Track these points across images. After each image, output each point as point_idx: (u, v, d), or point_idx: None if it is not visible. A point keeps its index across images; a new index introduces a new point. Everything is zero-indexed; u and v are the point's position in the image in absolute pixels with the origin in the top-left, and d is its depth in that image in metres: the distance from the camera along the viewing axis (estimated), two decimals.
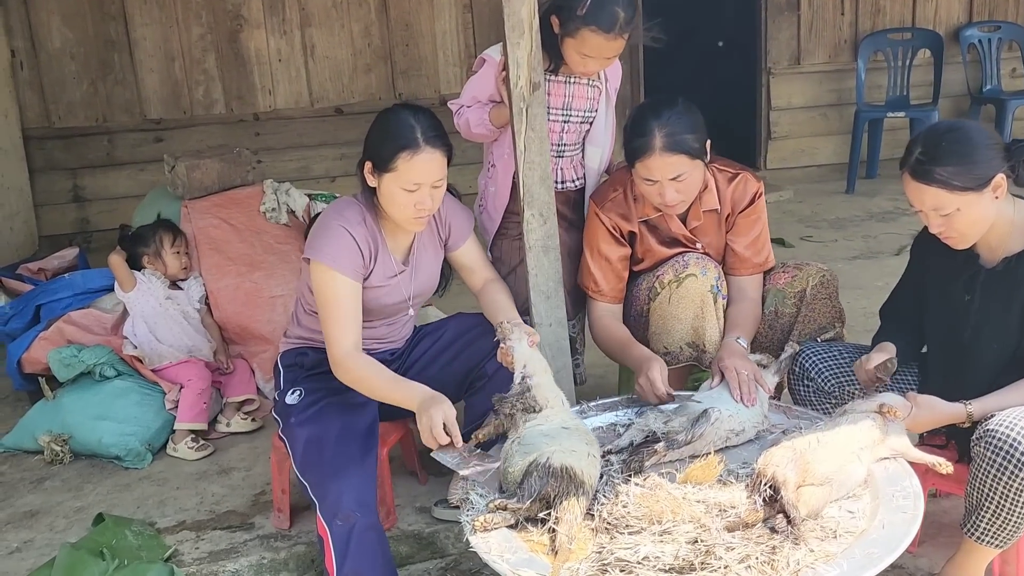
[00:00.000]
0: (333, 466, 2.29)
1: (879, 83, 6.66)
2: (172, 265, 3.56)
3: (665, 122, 2.52)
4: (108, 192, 6.01)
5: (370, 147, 2.41)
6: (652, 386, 2.48)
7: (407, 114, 2.39)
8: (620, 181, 2.80)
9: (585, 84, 2.86)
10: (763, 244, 2.81)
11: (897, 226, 5.62)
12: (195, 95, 6.04)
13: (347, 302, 2.39)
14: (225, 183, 3.91)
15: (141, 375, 3.45)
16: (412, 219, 2.44)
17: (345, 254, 2.40)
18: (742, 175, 2.78)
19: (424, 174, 2.36)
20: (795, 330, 2.78)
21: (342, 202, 2.55)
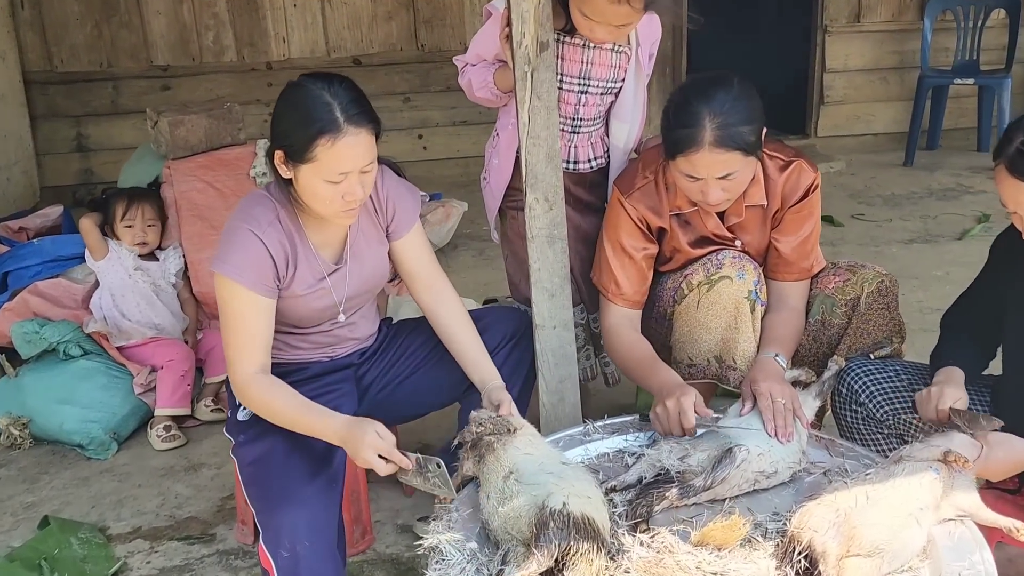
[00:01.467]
0: (280, 488, 1.95)
1: (946, 45, 6.09)
2: (125, 239, 3.22)
3: (718, 110, 2.06)
4: (113, 142, 5.70)
5: (279, 133, 1.98)
6: (682, 416, 2.01)
7: (320, 88, 1.94)
8: (651, 166, 2.34)
9: (608, 49, 2.41)
10: (812, 246, 2.37)
11: (959, 206, 5.12)
12: (204, 41, 5.67)
13: (251, 321, 2.02)
14: (213, 142, 3.55)
15: (110, 355, 3.13)
16: (340, 213, 2.03)
17: (251, 265, 2.01)
18: (796, 163, 2.32)
19: (350, 161, 1.95)
20: (843, 344, 2.35)
21: (252, 198, 2.13)
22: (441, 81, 5.85)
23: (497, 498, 1.81)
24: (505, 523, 1.76)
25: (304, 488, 1.95)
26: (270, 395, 2.02)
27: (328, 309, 2.20)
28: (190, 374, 3.13)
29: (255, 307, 2.02)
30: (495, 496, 1.82)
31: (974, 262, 4.27)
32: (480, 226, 4.94)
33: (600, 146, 2.54)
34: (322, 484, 1.99)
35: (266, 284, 2.03)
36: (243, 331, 2.03)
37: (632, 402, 3.07)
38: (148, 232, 3.25)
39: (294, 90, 1.98)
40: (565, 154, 2.47)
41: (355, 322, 2.28)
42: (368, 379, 2.36)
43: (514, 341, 2.31)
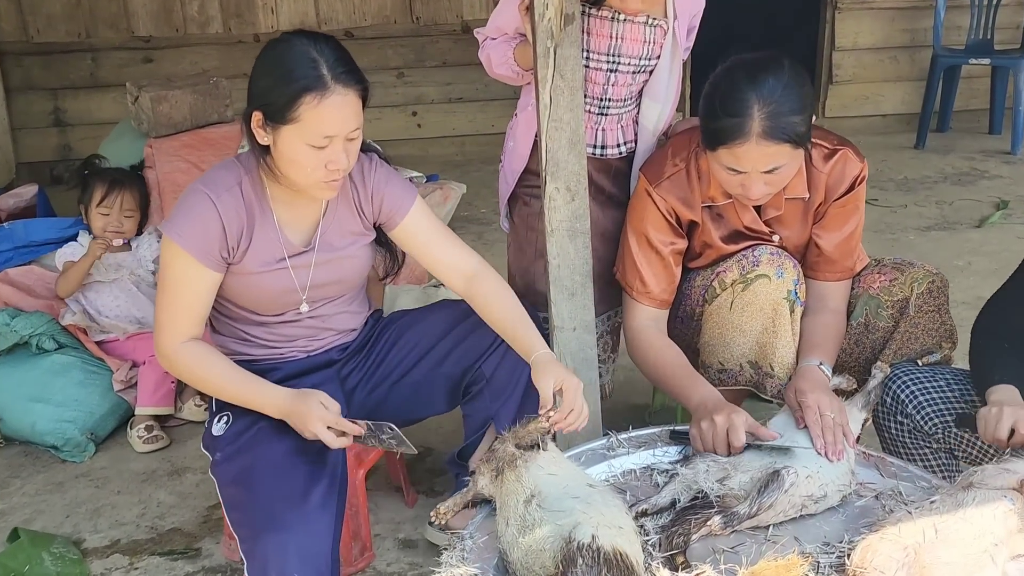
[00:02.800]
0: (265, 511, 1.74)
1: (959, 23, 5.87)
2: (95, 225, 2.97)
3: (768, 98, 1.86)
4: (92, 116, 5.45)
5: (259, 92, 1.79)
6: (731, 432, 1.81)
7: (305, 44, 1.78)
8: (681, 152, 2.13)
9: (641, 23, 2.18)
10: (856, 242, 2.17)
11: (976, 191, 4.94)
12: (188, 11, 5.41)
13: (187, 290, 1.89)
14: (198, 119, 3.33)
15: (87, 349, 2.91)
16: (323, 183, 1.84)
17: (199, 232, 1.84)
18: (842, 152, 2.11)
19: (337, 123, 1.78)
20: (889, 349, 2.15)
21: (220, 164, 1.96)
22: (436, 56, 5.61)
23: (517, 526, 1.62)
24: (526, 556, 1.57)
25: (292, 511, 1.74)
26: (201, 365, 1.91)
27: (288, 294, 1.99)
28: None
29: (196, 276, 1.88)
30: (515, 523, 1.63)
31: (996, 251, 4.12)
32: (479, 208, 4.74)
33: (631, 129, 2.32)
34: (316, 503, 1.78)
35: (211, 254, 1.87)
36: (178, 298, 1.90)
37: (647, 402, 2.88)
38: (125, 223, 3.00)
39: (276, 45, 1.81)
40: (591, 138, 2.26)
41: (325, 314, 2.07)
42: (353, 380, 2.16)
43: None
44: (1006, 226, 4.38)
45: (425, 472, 2.63)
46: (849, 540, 1.65)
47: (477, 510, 1.77)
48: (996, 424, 1.76)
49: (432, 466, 2.66)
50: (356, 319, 2.17)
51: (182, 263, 1.86)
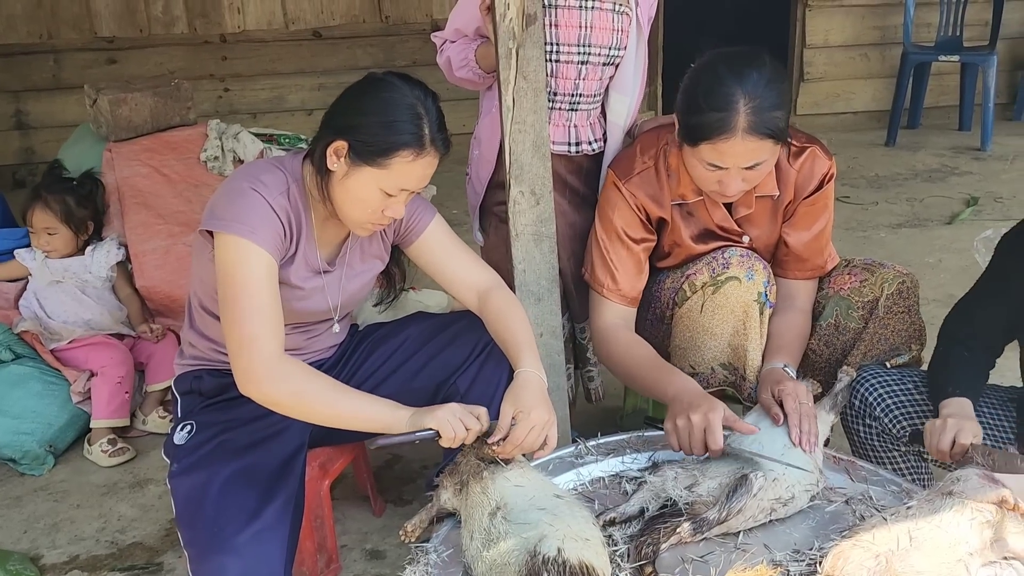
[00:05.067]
0: (212, 531, 1.68)
1: (928, 21, 5.90)
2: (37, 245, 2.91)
3: (753, 92, 1.82)
4: (55, 119, 5.34)
5: (354, 126, 1.75)
6: (708, 435, 1.77)
7: (415, 98, 1.76)
8: (650, 150, 2.11)
9: (609, 10, 2.14)
10: (826, 241, 2.16)
11: (946, 188, 4.95)
12: (153, 11, 5.32)
13: (270, 288, 1.72)
14: (159, 122, 3.24)
15: (43, 359, 2.84)
16: (367, 223, 1.83)
17: (265, 224, 1.74)
18: (811, 150, 2.10)
19: (417, 181, 1.80)
20: (858, 350, 2.13)
21: (257, 164, 1.89)
22: (407, 55, 5.55)
23: (482, 539, 1.59)
24: (491, 570, 1.54)
25: (239, 534, 1.68)
26: (314, 381, 1.72)
27: (323, 313, 1.96)
28: (128, 380, 2.84)
29: (270, 271, 1.73)
30: (479, 536, 1.60)
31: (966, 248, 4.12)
32: (449, 210, 4.68)
33: (599, 126, 2.28)
34: (268, 522, 1.72)
35: (277, 246, 1.76)
36: (260, 304, 1.70)
37: (618, 405, 2.85)
38: (51, 240, 2.90)
39: (383, 87, 1.78)
40: (564, 135, 2.22)
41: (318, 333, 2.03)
42: None
43: (487, 351, 2.03)
44: (976, 223, 4.39)
45: (393, 480, 2.58)
46: (820, 547, 1.63)
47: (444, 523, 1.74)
48: (939, 436, 1.74)
49: (400, 474, 2.61)
50: (340, 336, 2.13)
51: (255, 259, 1.71)
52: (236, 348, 1.69)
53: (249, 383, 1.69)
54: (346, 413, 1.73)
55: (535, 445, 1.75)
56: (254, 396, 1.71)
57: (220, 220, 1.74)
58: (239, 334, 1.69)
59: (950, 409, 1.83)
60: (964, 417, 1.80)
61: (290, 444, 1.90)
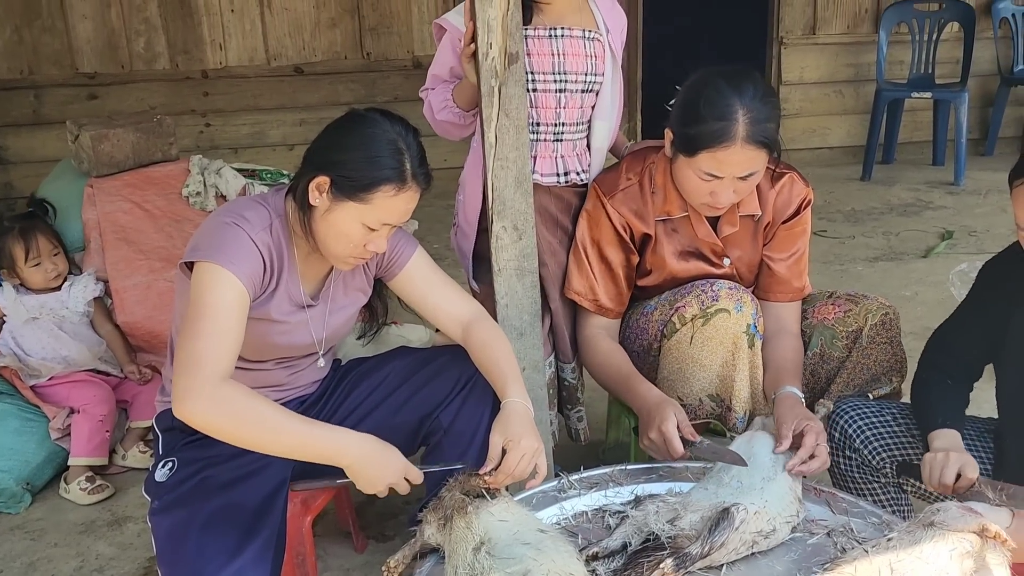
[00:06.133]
0: (196, 566, 1.67)
1: (901, 58, 6.01)
2: (34, 281, 2.86)
3: (751, 104, 1.93)
4: (34, 154, 5.32)
5: (336, 162, 1.77)
6: (668, 445, 1.92)
7: (396, 133, 1.79)
8: (635, 168, 2.19)
9: (579, 37, 2.18)
10: (805, 265, 2.24)
11: (921, 222, 5.02)
12: (135, 47, 5.34)
13: (232, 317, 1.71)
14: (141, 158, 3.25)
15: (22, 395, 2.81)
16: (350, 258, 1.85)
17: (245, 258, 1.76)
18: (788, 175, 2.20)
19: (399, 215, 1.82)
20: (840, 378, 2.18)
21: (240, 201, 1.92)
22: (388, 91, 5.60)
23: (466, 574, 1.59)
24: None
25: (221, 571, 1.67)
26: (253, 402, 1.66)
27: (307, 347, 1.97)
28: (109, 419, 2.82)
29: (239, 302, 1.73)
30: (464, 572, 1.60)
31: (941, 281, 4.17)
32: (431, 244, 4.70)
33: (586, 157, 2.30)
34: (248, 560, 1.71)
35: (253, 280, 1.77)
36: (221, 326, 1.70)
37: (600, 439, 2.85)
38: (58, 262, 2.90)
39: (365, 123, 1.80)
40: (552, 166, 2.24)
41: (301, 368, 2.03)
42: None
43: (470, 385, 2.03)
44: (951, 256, 4.45)
45: (375, 516, 2.57)
46: None
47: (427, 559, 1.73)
48: (942, 470, 1.76)
49: (383, 510, 2.60)
50: (324, 371, 2.14)
51: (227, 286, 1.72)
52: (182, 366, 1.66)
53: (188, 401, 1.63)
54: (289, 443, 1.69)
55: (526, 473, 1.76)
56: (192, 417, 1.65)
57: (200, 251, 1.76)
58: (189, 353, 1.66)
59: (942, 442, 1.85)
60: (961, 450, 1.82)
61: (272, 480, 1.89)
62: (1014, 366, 1.91)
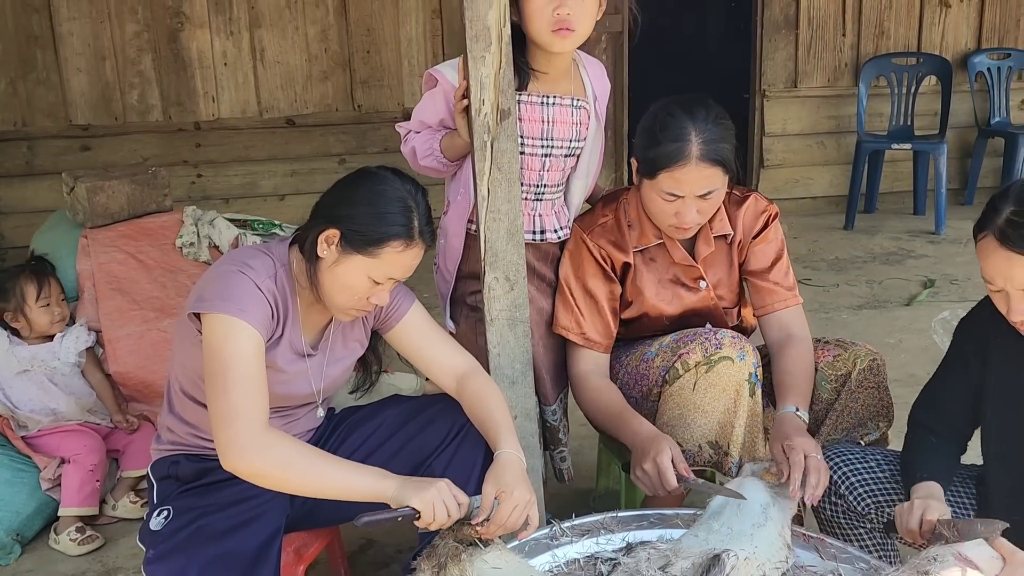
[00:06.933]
0: None
1: (880, 111, 6.15)
2: (40, 322, 2.88)
3: (703, 126, 2.07)
4: (27, 205, 5.34)
5: (346, 216, 1.83)
6: (661, 476, 1.98)
7: (406, 191, 1.86)
8: (610, 205, 2.33)
9: (568, 105, 2.27)
10: (788, 267, 2.35)
11: (903, 270, 5.10)
12: (128, 99, 5.40)
13: (256, 365, 1.75)
14: (136, 209, 3.29)
15: (13, 445, 2.81)
16: (352, 310, 1.90)
17: (254, 303, 1.79)
18: (751, 196, 2.34)
19: (404, 270, 1.89)
20: (829, 419, 2.24)
21: (244, 250, 1.95)
22: (378, 142, 5.67)
23: None
24: None
25: None
26: (300, 451, 1.73)
27: (306, 397, 2.00)
28: (100, 469, 2.82)
29: (257, 349, 1.76)
30: None
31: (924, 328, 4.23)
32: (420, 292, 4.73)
33: (563, 215, 2.39)
34: None
35: (265, 325, 1.80)
36: (247, 375, 1.71)
37: (591, 486, 2.87)
38: (63, 307, 2.95)
39: (376, 180, 1.87)
40: (530, 224, 2.30)
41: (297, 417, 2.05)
42: None
43: (462, 434, 2.06)
44: (933, 304, 4.52)
45: (367, 566, 2.58)
46: None
47: None
48: (908, 517, 1.80)
49: (375, 559, 2.60)
50: (319, 421, 2.16)
51: (245, 337, 1.75)
52: (221, 420, 1.70)
53: (233, 454, 1.69)
54: (334, 482, 1.74)
55: (518, 524, 1.78)
56: (240, 468, 1.70)
57: (208, 301, 1.78)
58: (224, 406, 1.70)
59: (919, 492, 1.89)
60: (931, 498, 1.86)
61: (266, 529, 1.91)
62: (994, 415, 1.96)
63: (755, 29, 6.14)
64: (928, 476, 1.93)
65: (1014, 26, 6.32)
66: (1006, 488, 1.94)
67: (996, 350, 1.93)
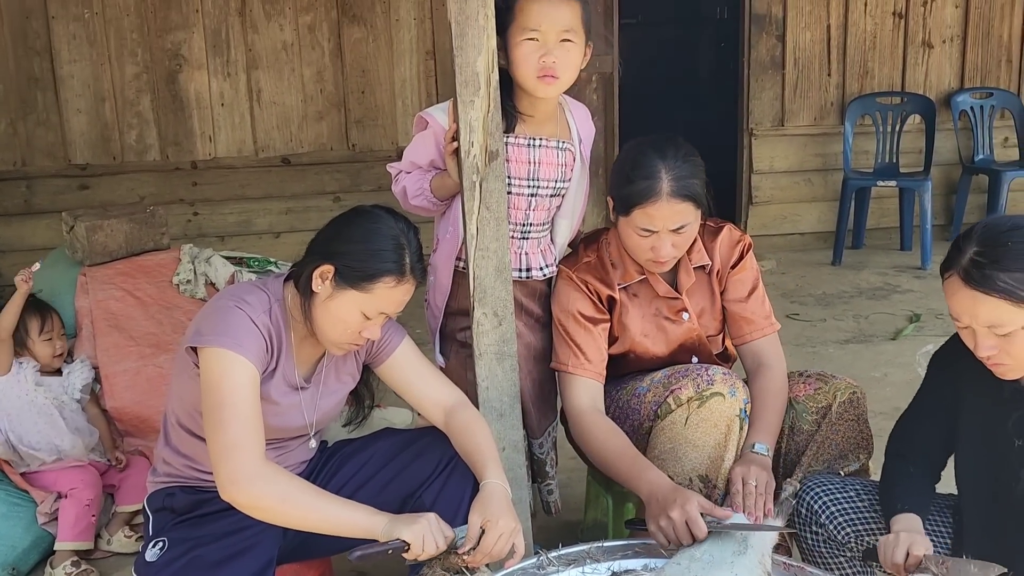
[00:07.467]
0: None
1: (866, 148, 6.27)
2: (43, 355, 2.95)
3: (672, 163, 2.17)
4: (25, 243, 5.41)
5: (340, 252, 1.91)
6: (692, 525, 1.94)
7: (398, 229, 1.95)
8: (592, 245, 2.42)
9: (554, 147, 2.36)
10: (763, 298, 2.43)
11: (889, 305, 5.18)
12: (127, 139, 5.49)
13: (253, 396, 1.83)
14: (133, 247, 3.36)
15: (10, 480, 2.85)
16: (344, 343, 1.97)
17: (250, 337, 1.87)
18: (725, 227, 2.43)
19: (395, 305, 1.97)
20: (810, 450, 2.30)
21: (241, 286, 2.04)
22: (373, 181, 5.76)
23: None
24: None
25: None
26: (295, 485, 1.79)
27: (298, 429, 2.06)
28: (96, 503, 2.85)
29: (253, 383, 1.84)
30: None
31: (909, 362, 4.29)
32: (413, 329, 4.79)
33: (549, 253, 2.46)
34: None
35: (260, 359, 1.88)
36: (244, 411, 1.79)
37: (579, 518, 2.91)
38: (64, 342, 3.02)
39: (370, 218, 1.95)
40: (516, 262, 2.37)
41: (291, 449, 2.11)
42: None
43: (452, 466, 2.12)
44: (919, 338, 4.59)
45: None
46: None
47: None
48: (893, 550, 1.85)
49: None
50: (312, 453, 2.21)
51: (241, 370, 1.82)
52: (220, 454, 1.77)
53: (234, 487, 1.76)
54: (328, 517, 1.81)
55: (504, 552, 1.83)
56: (239, 500, 1.77)
57: (205, 336, 1.85)
58: (223, 440, 1.77)
59: (900, 525, 1.94)
60: (915, 531, 1.91)
61: (259, 560, 1.96)
62: (967, 446, 2.01)
63: (742, 70, 6.26)
64: (907, 508, 1.98)
65: (996, 66, 6.46)
66: (980, 519, 1.99)
67: (968, 383, 1.99)
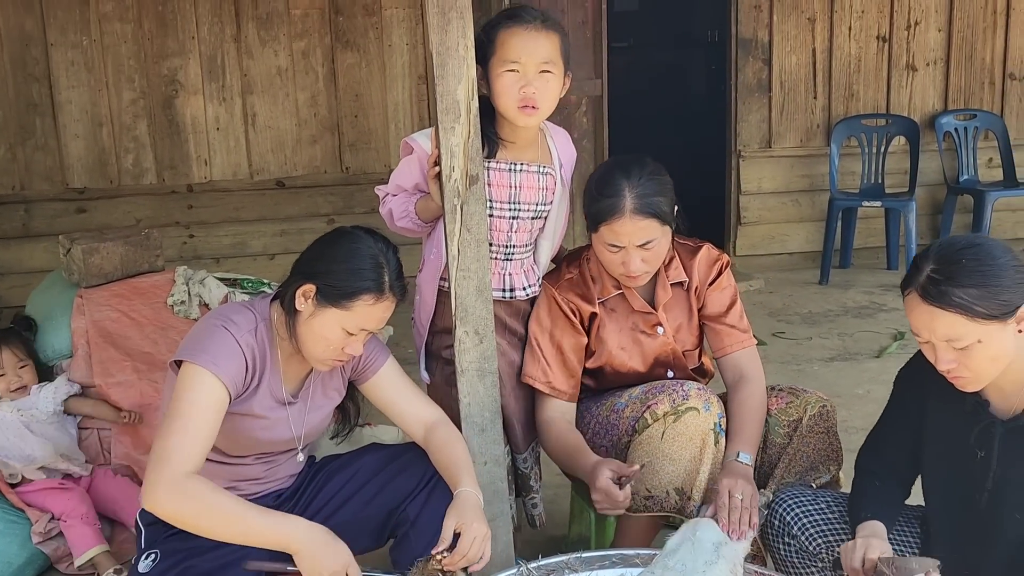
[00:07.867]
0: None
1: (852, 169, 6.37)
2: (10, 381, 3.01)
3: (636, 182, 2.27)
4: (22, 265, 5.49)
5: (321, 271, 2.01)
6: (609, 498, 2.18)
7: (377, 249, 2.04)
8: (574, 262, 2.52)
9: (535, 172, 2.45)
10: (741, 312, 2.52)
11: (875, 323, 5.26)
12: (123, 163, 5.58)
13: (207, 417, 1.90)
14: (129, 269, 3.43)
15: (7, 498, 2.91)
16: (329, 360, 2.06)
17: (229, 358, 1.96)
18: (703, 246, 2.53)
19: (376, 322, 2.04)
20: (782, 462, 2.38)
21: (229, 306, 2.14)
22: (365, 203, 5.85)
23: None
24: None
25: None
26: (212, 493, 1.85)
27: (286, 442, 2.14)
28: (91, 512, 2.91)
29: (216, 403, 1.92)
30: None
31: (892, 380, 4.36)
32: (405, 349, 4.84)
33: (532, 273, 2.54)
34: None
35: (235, 382, 1.96)
36: (195, 424, 1.87)
37: (564, 533, 2.98)
38: (23, 374, 3.03)
39: (350, 239, 2.04)
40: (500, 283, 2.45)
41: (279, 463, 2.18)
42: None
43: (435, 479, 2.19)
44: (902, 356, 4.64)
45: None
46: None
47: None
48: (851, 555, 1.93)
49: None
50: (301, 466, 2.28)
51: (207, 388, 1.90)
52: (152, 460, 1.85)
53: (150, 494, 1.83)
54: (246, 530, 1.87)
55: (477, 556, 1.92)
56: (156, 508, 1.84)
57: (187, 351, 1.95)
58: (160, 448, 1.86)
59: (864, 531, 2.01)
60: (875, 536, 1.98)
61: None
62: (933, 458, 2.08)
63: (730, 93, 6.37)
64: (872, 516, 2.05)
65: (979, 88, 6.57)
66: (946, 529, 2.06)
67: (933, 397, 2.06)
